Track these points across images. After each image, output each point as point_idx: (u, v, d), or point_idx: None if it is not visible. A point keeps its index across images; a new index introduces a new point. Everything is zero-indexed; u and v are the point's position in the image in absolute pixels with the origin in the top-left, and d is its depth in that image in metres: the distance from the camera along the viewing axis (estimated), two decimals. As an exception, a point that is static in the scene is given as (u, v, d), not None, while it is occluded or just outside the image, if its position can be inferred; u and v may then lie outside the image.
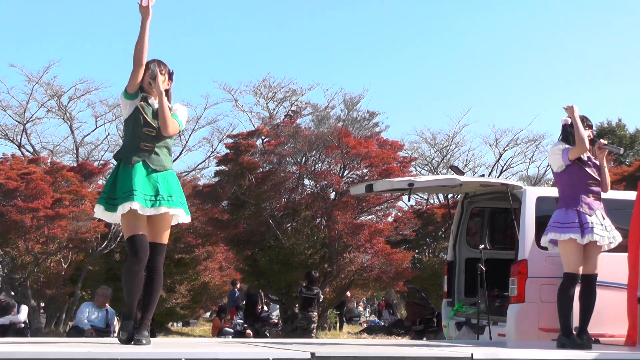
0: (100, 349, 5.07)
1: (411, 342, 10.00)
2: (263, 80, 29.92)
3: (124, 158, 5.58)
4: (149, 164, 5.55)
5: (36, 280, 16.85)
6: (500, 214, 10.17)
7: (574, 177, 6.93)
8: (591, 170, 6.96)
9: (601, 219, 6.90)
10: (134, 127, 5.61)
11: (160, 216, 5.57)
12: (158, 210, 5.50)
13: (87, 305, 12.28)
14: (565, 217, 6.86)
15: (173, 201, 5.58)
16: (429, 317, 16.23)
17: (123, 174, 5.52)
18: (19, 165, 17.64)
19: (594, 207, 6.88)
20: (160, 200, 5.50)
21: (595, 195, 6.95)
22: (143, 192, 5.46)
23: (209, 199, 18.47)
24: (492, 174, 31.29)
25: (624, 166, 23.29)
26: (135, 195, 5.40)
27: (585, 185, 6.92)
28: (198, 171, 30.00)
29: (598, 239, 6.82)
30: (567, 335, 6.82)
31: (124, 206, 5.41)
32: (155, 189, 5.51)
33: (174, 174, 5.72)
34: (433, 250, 21.84)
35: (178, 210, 5.62)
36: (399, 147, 19.16)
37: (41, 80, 28.38)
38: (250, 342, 7.46)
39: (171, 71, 5.77)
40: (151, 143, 5.58)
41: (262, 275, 17.88)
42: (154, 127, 5.59)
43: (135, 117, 5.60)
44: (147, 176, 5.52)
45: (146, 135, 5.58)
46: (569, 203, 6.89)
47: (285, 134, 18.30)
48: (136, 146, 5.57)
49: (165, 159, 5.65)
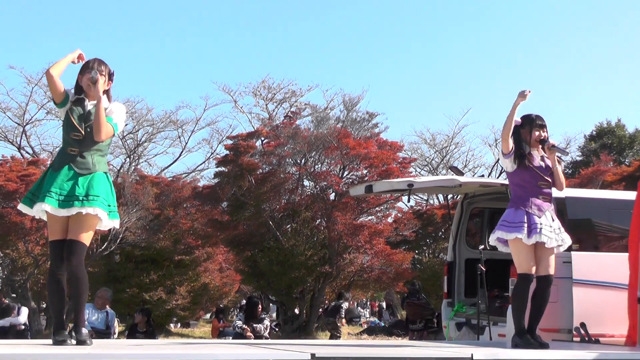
0: (100, 351, 5.06)
1: (411, 342, 10.00)
2: (262, 82, 29.97)
3: (53, 164, 5.56)
4: (74, 167, 5.46)
5: (36, 282, 16.87)
6: (500, 215, 10.09)
7: (524, 178, 6.87)
8: (542, 171, 6.89)
9: (550, 220, 6.84)
10: (64, 131, 5.58)
11: (76, 216, 5.41)
12: (69, 211, 5.38)
13: (87, 307, 12.26)
14: (513, 217, 6.83)
15: (89, 201, 5.40)
16: (429, 318, 16.22)
17: (49, 177, 5.48)
18: (19, 167, 17.65)
19: (544, 209, 6.83)
20: (74, 201, 5.37)
21: (546, 196, 6.89)
22: (58, 193, 5.37)
23: (208, 200, 18.48)
24: (491, 174, 31.30)
25: (624, 166, 23.28)
26: (47, 196, 5.33)
27: (536, 186, 6.86)
28: (197, 172, 30.04)
29: (545, 240, 6.74)
30: (521, 335, 6.78)
31: (38, 206, 5.38)
32: (72, 190, 5.40)
33: (103, 176, 5.56)
34: (433, 250, 21.86)
35: (96, 210, 5.41)
36: (398, 148, 19.15)
37: (40, 82, 28.35)
38: (250, 343, 7.46)
39: (112, 72, 5.71)
40: (77, 147, 5.50)
41: (262, 276, 17.87)
42: (80, 131, 5.51)
43: (65, 122, 5.57)
44: (70, 179, 5.43)
45: (72, 139, 5.51)
46: (519, 203, 6.86)
47: (284, 135, 18.30)
48: (64, 151, 5.54)
49: (96, 164, 5.54)
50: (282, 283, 17.50)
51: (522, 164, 6.87)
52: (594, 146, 31.82)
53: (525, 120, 6.96)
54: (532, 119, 6.96)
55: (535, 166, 6.86)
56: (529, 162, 6.85)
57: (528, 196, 6.84)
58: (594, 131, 34.67)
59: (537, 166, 6.87)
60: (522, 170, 6.88)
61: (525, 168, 6.86)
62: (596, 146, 31.64)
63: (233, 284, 23.56)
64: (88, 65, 5.64)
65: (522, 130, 6.94)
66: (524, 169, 6.87)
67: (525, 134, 6.93)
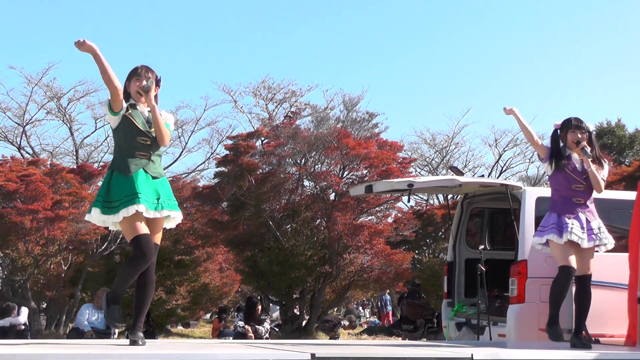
0: (100, 351, 5.06)
1: (411, 342, 10.00)
2: (262, 82, 30.02)
3: (120, 168, 5.56)
4: (148, 171, 5.59)
5: (36, 282, 16.85)
6: (500, 215, 10.17)
7: (559, 181, 7.03)
8: (576, 174, 6.97)
9: (585, 222, 6.93)
10: (125, 136, 5.61)
11: (160, 219, 5.65)
12: (162, 213, 5.59)
13: (87, 307, 12.28)
14: (546, 221, 7.01)
15: (172, 205, 5.68)
16: (429, 318, 16.23)
17: (118, 180, 5.52)
18: (19, 167, 17.62)
19: (577, 211, 6.93)
20: (162, 204, 5.58)
21: (580, 198, 6.97)
22: (146, 195, 5.50)
23: (208, 201, 18.47)
24: (491, 174, 31.33)
25: (624, 166, 23.29)
26: (140, 198, 5.43)
27: (570, 189, 6.97)
28: (197, 172, 30.09)
29: (576, 239, 6.83)
30: (551, 325, 6.89)
31: (129, 209, 5.40)
32: (157, 193, 5.58)
33: (167, 180, 5.82)
34: (433, 250, 21.85)
35: (177, 214, 5.73)
36: (398, 148, 19.14)
37: (41, 82, 28.45)
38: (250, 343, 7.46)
39: (158, 77, 5.76)
40: (146, 151, 5.60)
41: (262, 277, 17.87)
42: (148, 136, 5.61)
43: (126, 126, 5.59)
44: (148, 182, 5.57)
45: (141, 144, 5.59)
46: (552, 208, 7.03)
47: (284, 135, 18.29)
48: (132, 155, 5.57)
49: (159, 167, 5.74)
50: (282, 283, 17.50)
51: (557, 166, 7.00)
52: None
53: (563, 123, 7.12)
54: (570, 121, 7.10)
55: (569, 169, 6.96)
56: (563, 165, 6.99)
57: (562, 199, 6.99)
58: (594, 131, 34.64)
59: (572, 169, 6.97)
60: (557, 173, 7.03)
61: (560, 171, 7.00)
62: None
63: (233, 284, 23.55)
64: (137, 72, 5.67)
65: (561, 133, 7.09)
66: (559, 171, 7.01)
67: (563, 137, 7.10)
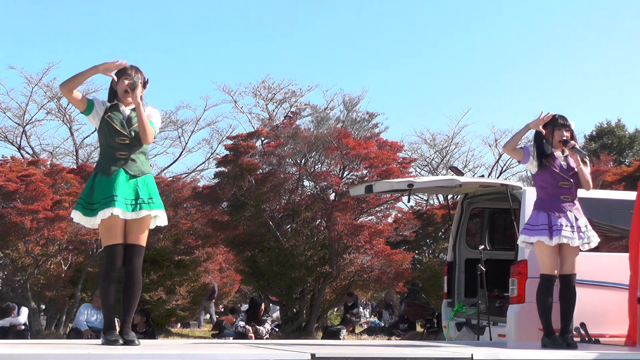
0: (100, 351, 5.06)
1: (411, 342, 10.00)
2: (262, 82, 30.02)
3: (103, 169, 5.64)
4: (128, 170, 5.62)
5: (36, 282, 16.83)
6: (500, 215, 10.18)
7: (545, 178, 6.93)
8: (563, 171, 6.91)
9: (573, 220, 6.88)
10: (105, 137, 5.70)
11: (142, 219, 5.63)
12: (139, 214, 5.58)
13: (86, 307, 12.28)
14: (535, 220, 6.90)
15: (153, 203, 5.66)
16: (429, 318, 16.23)
17: (101, 181, 5.58)
18: (19, 167, 17.62)
19: (565, 209, 6.87)
20: (140, 204, 5.58)
21: (567, 196, 6.91)
22: (124, 197, 5.52)
23: (208, 201, 18.46)
24: (491, 174, 31.32)
25: (624, 166, 23.29)
26: (116, 200, 5.46)
27: (557, 187, 6.90)
28: (197, 173, 30.07)
29: (566, 240, 6.78)
30: (549, 335, 6.81)
31: (105, 212, 5.46)
32: (135, 193, 5.59)
33: (152, 177, 5.79)
34: (433, 251, 21.83)
35: (158, 212, 5.70)
36: (398, 148, 19.12)
37: (40, 82, 28.44)
38: (250, 343, 7.46)
39: (146, 79, 5.83)
40: (126, 151, 5.65)
41: (262, 277, 17.86)
42: (126, 135, 5.66)
43: (104, 128, 5.68)
44: (127, 182, 5.59)
45: (119, 144, 5.64)
46: (540, 205, 6.92)
47: (284, 135, 18.28)
48: (112, 156, 5.64)
49: (143, 164, 5.73)
50: (282, 283, 17.49)
51: (542, 165, 6.91)
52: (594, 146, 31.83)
53: (548, 121, 6.96)
54: (555, 119, 6.96)
55: (556, 167, 6.88)
56: (549, 163, 6.88)
57: (549, 197, 6.89)
58: (594, 131, 34.70)
59: (558, 166, 6.89)
60: (543, 171, 6.93)
61: (545, 169, 6.90)
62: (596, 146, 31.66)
63: (233, 284, 23.57)
64: (126, 71, 5.74)
65: (545, 130, 6.97)
66: (544, 170, 6.91)
67: (548, 135, 6.97)
